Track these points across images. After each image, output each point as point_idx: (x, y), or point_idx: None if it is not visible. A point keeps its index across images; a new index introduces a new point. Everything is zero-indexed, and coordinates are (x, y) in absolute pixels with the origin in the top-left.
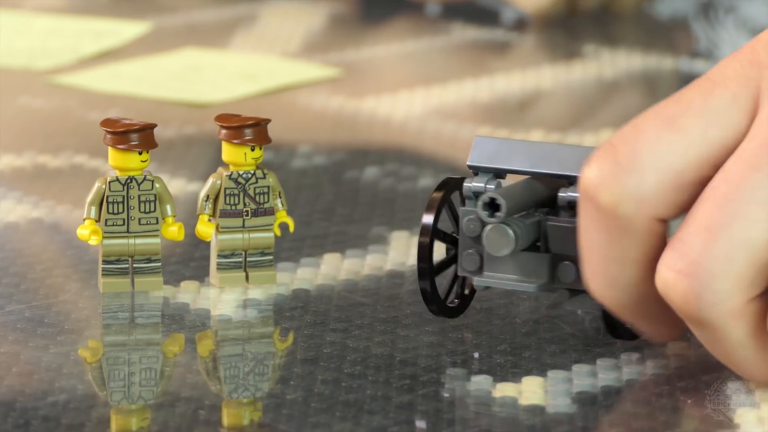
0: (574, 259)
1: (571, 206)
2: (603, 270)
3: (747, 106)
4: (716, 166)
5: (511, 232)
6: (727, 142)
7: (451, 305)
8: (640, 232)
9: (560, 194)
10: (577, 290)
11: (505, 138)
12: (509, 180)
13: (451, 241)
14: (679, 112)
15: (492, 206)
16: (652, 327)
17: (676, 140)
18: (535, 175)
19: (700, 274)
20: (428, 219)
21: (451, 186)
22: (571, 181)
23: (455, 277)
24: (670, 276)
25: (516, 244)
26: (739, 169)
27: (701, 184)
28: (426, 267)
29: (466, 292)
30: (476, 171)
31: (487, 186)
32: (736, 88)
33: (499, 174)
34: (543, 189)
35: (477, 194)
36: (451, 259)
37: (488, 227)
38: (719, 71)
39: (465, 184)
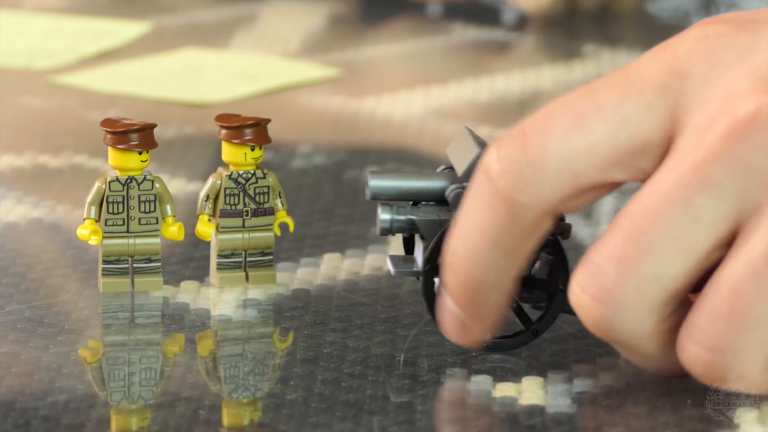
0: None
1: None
2: (470, 245)
3: (660, 117)
4: (618, 168)
5: (379, 214)
6: (633, 150)
7: None
8: (527, 224)
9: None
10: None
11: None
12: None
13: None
14: (590, 111)
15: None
16: (477, 319)
17: (583, 141)
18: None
19: (613, 303)
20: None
21: None
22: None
23: None
24: (583, 299)
25: (382, 227)
26: (655, 201)
27: (601, 187)
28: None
29: None
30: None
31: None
32: (652, 97)
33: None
34: (436, 182)
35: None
36: None
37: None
38: (639, 70)
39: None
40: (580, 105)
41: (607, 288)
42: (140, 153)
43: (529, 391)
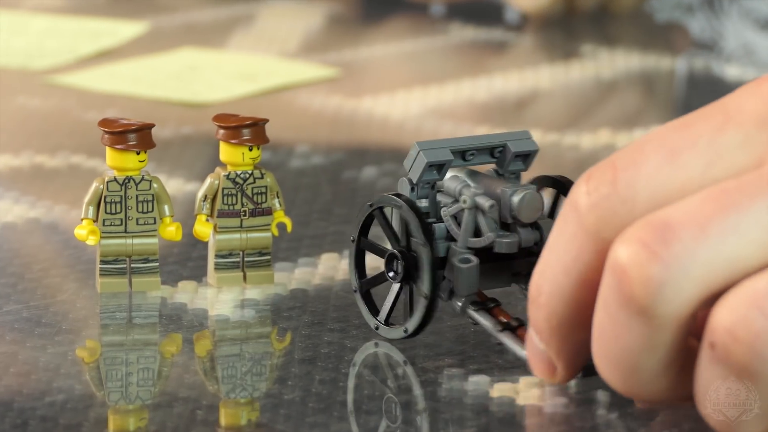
0: None
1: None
2: (555, 280)
3: (758, 150)
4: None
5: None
6: (733, 171)
7: None
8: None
9: None
10: None
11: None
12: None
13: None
14: (684, 146)
15: None
16: (562, 355)
17: (675, 176)
18: None
19: (677, 268)
20: None
21: None
22: None
23: None
24: (642, 254)
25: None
26: (757, 182)
27: None
28: None
29: None
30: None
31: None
32: (751, 129)
33: None
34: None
35: None
36: None
37: None
38: (737, 104)
39: None
40: (674, 139)
41: (676, 252)
42: (138, 153)
43: (527, 391)
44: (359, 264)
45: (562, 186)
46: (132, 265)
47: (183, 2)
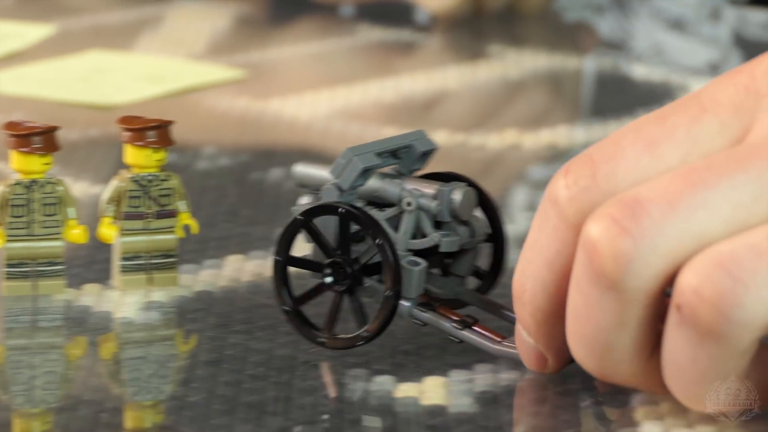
0: None
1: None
2: (538, 275)
3: (734, 136)
4: None
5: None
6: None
7: None
8: None
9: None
10: None
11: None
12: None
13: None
14: (661, 137)
15: None
16: (551, 348)
17: (654, 166)
18: None
19: (645, 242)
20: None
21: None
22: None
23: None
24: (612, 229)
25: None
26: (725, 161)
27: None
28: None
29: None
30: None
31: None
32: (727, 117)
33: None
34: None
35: None
36: None
37: None
38: (711, 94)
39: None
40: (651, 131)
41: (645, 227)
42: (43, 156)
43: (431, 391)
44: (287, 282)
45: (445, 179)
46: (37, 268)
47: (90, 4)
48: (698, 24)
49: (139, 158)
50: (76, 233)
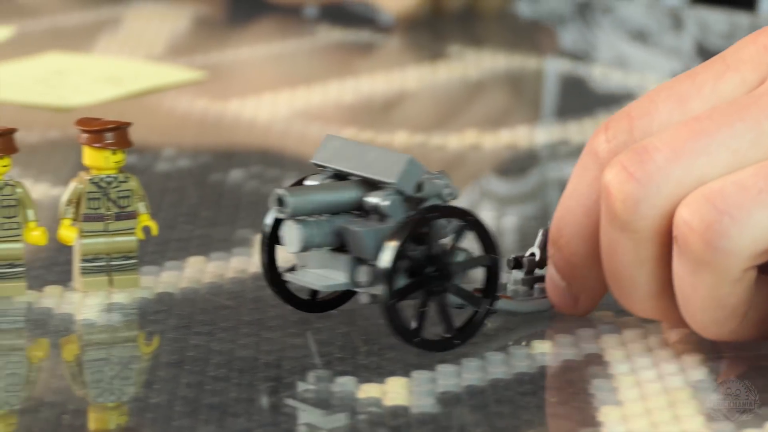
0: (371, 263)
1: (374, 211)
2: (576, 221)
3: (753, 89)
4: None
5: (300, 230)
6: None
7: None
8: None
9: (364, 198)
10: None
11: (353, 139)
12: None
13: None
14: (691, 93)
15: (281, 202)
16: (583, 291)
17: (689, 114)
18: (349, 177)
19: (650, 185)
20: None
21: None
22: (379, 186)
23: None
24: (622, 175)
25: (304, 243)
26: (728, 111)
27: None
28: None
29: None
30: (321, 167)
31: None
32: (747, 73)
33: (340, 174)
34: (354, 192)
35: None
36: None
37: (285, 224)
38: (735, 54)
39: (305, 181)
40: (681, 88)
41: (650, 171)
42: (1, 158)
43: (393, 392)
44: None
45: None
46: None
47: (49, 6)
48: (660, 35)
49: (97, 160)
50: (36, 235)
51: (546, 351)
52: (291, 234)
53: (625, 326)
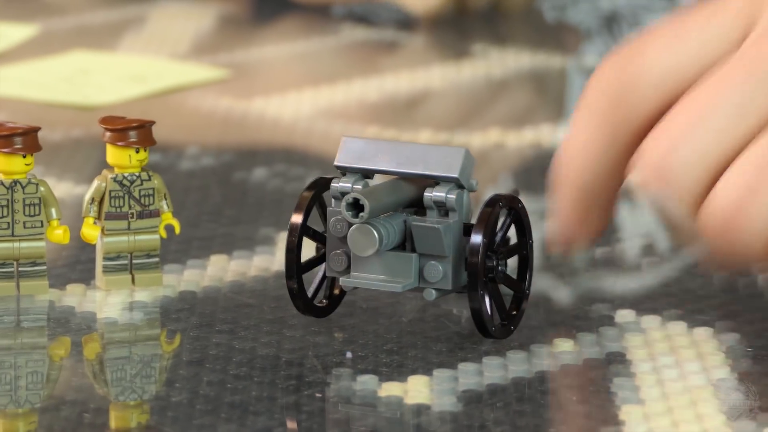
0: (440, 259)
1: (438, 206)
2: (586, 148)
3: (736, 36)
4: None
5: (375, 232)
6: (720, 53)
7: (319, 305)
8: (635, 103)
9: (426, 194)
10: (443, 290)
11: (373, 138)
12: (377, 180)
13: (322, 240)
14: (684, 31)
15: (356, 207)
16: (584, 223)
17: (679, 51)
18: (401, 176)
19: (665, 176)
20: (296, 218)
21: (321, 185)
22: (436, 181)
23: (323, 277)
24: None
25: (380, 245)
26: (713, 84)
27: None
28: (293, 266)
29: (336, 292)
30: (344, 171)
31: (354, 186)
32: (731, 19)
33: (366, 174)
34: (409, 189)
35: (344, 194)
36: (320, 258)
37: (353, 228)
38: (723, 2)
39: (332, 184)
40: (676, 26)
41: (658, 165)
42: (24, 156)
43: (415, 390)
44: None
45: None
46: (20, 269)
47: (74, 4)
48: None
49: (121, 158)
50: (59, 233)
51: (568, 349)
52: (364, 237)
53: (647, 325)
